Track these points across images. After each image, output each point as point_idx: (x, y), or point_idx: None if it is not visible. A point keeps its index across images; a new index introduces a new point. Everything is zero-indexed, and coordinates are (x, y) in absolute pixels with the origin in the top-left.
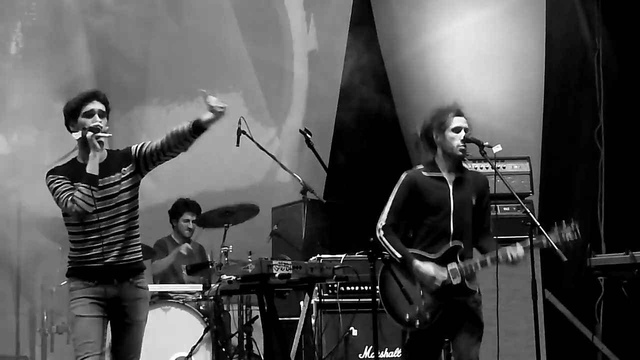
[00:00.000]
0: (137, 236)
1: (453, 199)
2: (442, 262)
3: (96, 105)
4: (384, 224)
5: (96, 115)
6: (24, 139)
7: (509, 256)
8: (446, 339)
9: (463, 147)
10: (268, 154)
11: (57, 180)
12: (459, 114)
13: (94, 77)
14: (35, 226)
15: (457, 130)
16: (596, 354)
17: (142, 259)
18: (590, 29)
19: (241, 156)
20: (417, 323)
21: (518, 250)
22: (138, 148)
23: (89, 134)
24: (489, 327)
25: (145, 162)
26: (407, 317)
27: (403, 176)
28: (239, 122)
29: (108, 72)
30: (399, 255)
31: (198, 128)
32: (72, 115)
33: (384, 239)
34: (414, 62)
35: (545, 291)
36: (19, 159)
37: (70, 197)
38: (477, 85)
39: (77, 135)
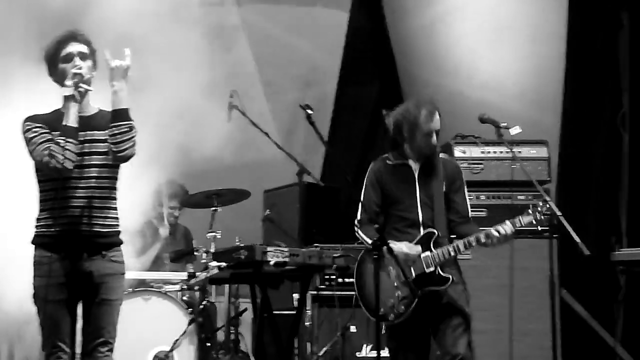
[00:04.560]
0: (116, 204)
1: (419, 188)
2: None
3: (75, 47)
4: (358, 218)
5: (76, 58)
6: None
7: (495, 233)
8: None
9: (434, 147)
10: (262, 131)
11: (34, 129)
12: (433, 113)
13: None
14: None
15: (429, 134)
16: (615, 358)
17: (119, 231)
18: (615, 2)
19: (232, 133)
20: (392, 316)
21: (507, 226)
22: None
23: (69, 82)
24: (500, 326)
25: None
26: (382, 310)
27: (369, 167)
28: (231, 96)
29: None
30: (369, 242)
31: (111, 114)
32: (51, 61)
33: (359, 232)
34: (422, 35)
35: (560, 289)
36: None
37: (46, 151)
38: (490, 61)
39: (67, 84)
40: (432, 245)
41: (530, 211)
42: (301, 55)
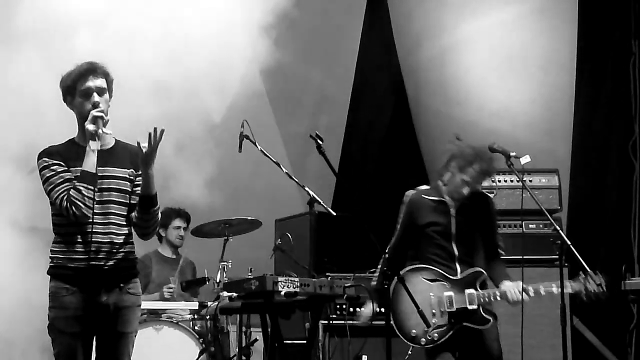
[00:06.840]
0: (132, 237)
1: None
2: (461, 285)
3: (94, 82)
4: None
5: (94, 95)
6: None
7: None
8: None
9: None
10: (273, 161)
11: (52, 167)
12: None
13: None
14: None
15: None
16: None
17: (136, 262)
18: (625, 31)
19: (243, 162)
20: (423, 341)
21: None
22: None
23: (91, 126)
24: (511, 355)
25: None
26: (414, 332)
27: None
28: (242, 126)
29: None
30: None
31: (143, 201)
32: (68, 92)
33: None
34: (432, 65)
35: (573, 317)
36: None
37: (65, 195)
38: (501, 90)
39: (89, 129)
40: (478, 284)
41: (580, 279)
42: (312, 84)
